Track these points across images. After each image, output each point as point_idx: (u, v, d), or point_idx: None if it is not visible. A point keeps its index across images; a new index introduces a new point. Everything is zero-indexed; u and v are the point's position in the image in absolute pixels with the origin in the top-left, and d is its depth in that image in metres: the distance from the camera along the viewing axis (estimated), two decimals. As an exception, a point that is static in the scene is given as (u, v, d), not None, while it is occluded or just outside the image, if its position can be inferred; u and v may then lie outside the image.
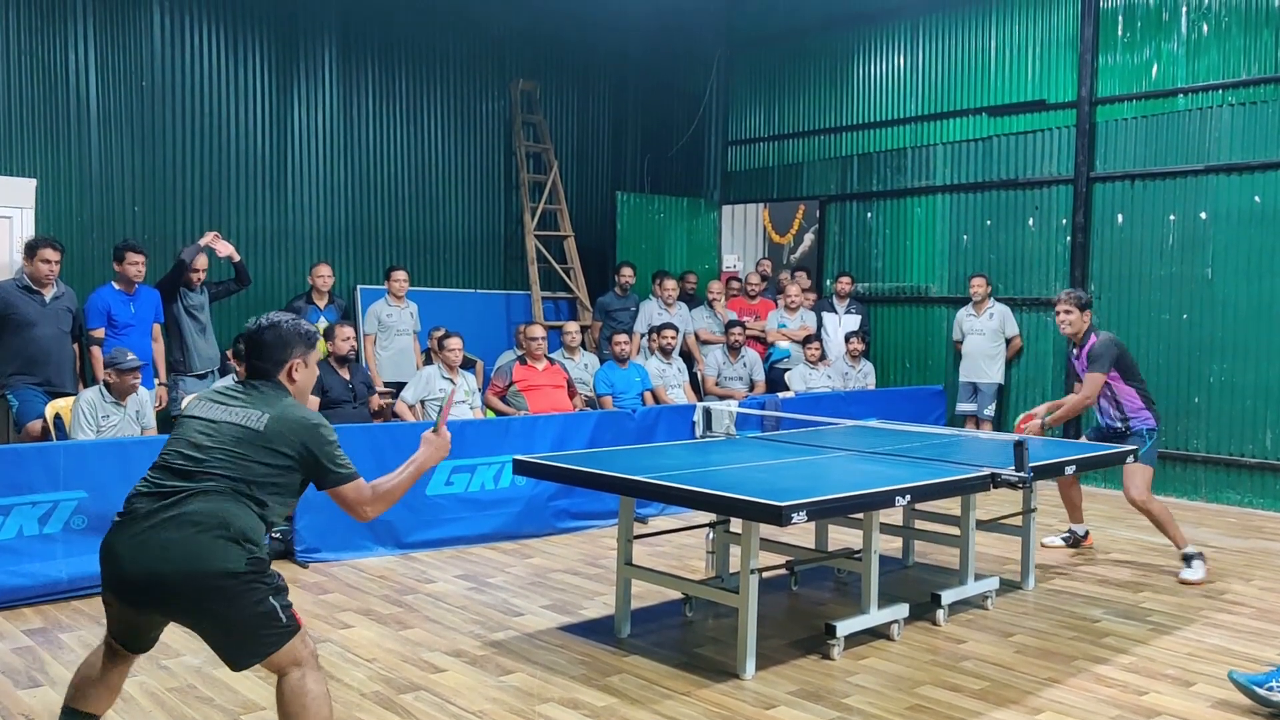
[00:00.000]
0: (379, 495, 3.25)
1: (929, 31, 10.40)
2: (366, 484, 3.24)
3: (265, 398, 3.19)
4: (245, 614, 3.00)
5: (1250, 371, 8.33)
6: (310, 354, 3.34)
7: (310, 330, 3.36)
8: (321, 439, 3.16)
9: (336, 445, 3.19)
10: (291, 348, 3.26)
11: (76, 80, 8.78)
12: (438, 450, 3.49)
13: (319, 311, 8.75)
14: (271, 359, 3.26)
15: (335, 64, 10.27)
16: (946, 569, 6.11)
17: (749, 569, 4.42)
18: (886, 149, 10.79)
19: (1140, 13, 8.93)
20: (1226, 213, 8.45)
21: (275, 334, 3.26)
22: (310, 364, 3.35)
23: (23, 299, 6.73)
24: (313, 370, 3.36)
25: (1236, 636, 5.09)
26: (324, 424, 3.20)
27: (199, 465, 3.06)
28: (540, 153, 11.56)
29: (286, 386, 3.27)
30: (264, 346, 3.27)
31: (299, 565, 6.11)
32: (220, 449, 3.08)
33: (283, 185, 9.99)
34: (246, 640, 3.04)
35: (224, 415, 3.16)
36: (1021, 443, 4.89)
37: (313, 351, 3.35)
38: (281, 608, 3.07)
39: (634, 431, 7.48)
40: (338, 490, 3.21)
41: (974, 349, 9.57)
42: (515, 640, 4.90)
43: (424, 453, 3.44)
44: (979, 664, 4.66)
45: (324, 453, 3.15)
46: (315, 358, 3.36)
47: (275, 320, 3.31)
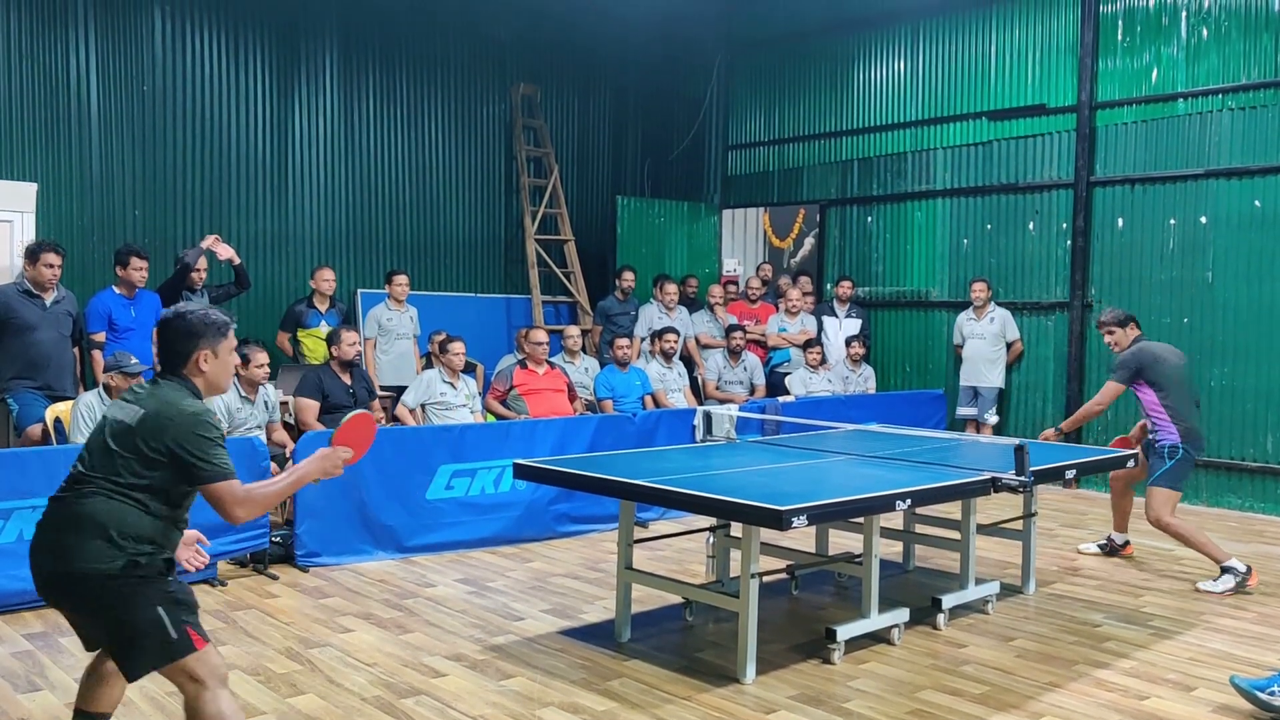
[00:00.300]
0: (251, 499, 3.07)
1: (929, 36, 10.41)
2: (241, 486, 3.06)
3: (157, 392, 3.11)
4: (131, 618, 2.94)
5: (1251, 375, 8.33)
6: (220, 344, 3.21)
7: (221, 321, 3.23)
8: (191, 434, 3.02)
9: (212, 441, 3.04)
10: (197, 339, 3.15)
11: (78, 84, 8.78)
12: (324, 465, 3.33)
13: (320, 316, 8.76)
14: (176, 351, 3.16)
15: (336, 68, 10.28)
16: (947, 573, 6.11)
17: (749, 573, 4.42)
18: (887, 153, 10.80)
19: (1140, 17, 8.94)
20: (1227, 217, 8.46)
21: (181, 325, 3.17)
22: (222, 355, 3.22)
23: (23, 303, 6.73)
24: (224, 361, 3.24)
25: (1238, 641, 5.08)
26: (201, 418, 3.05)
27: (88, 467, 3.06)
28: (541, 157, 11.57)
29: (194, 381, 3.17)
30: (169, 339, 3.19)
31: (299, 569, 6.10)
32: (103, 449, 3.05)
33: (283, 189, 9.99)
34: (130, 647, 2.98)
35: (117, 413, 3.11)
36: (1022, 447, 4.89)
37: (223, 341, 3.22)
38: (173, 621, 2.96)
39: (634, 435, 7.48)
40: (207, 489, 3.05)
41: (974, 353, 9.58)
42: (515, 644, 4.90)
43: (309, 465, 3.31)
44: (979, 668, 4.65)
45: (192, 448, 3.00)
46: (228, 347, 3.24)
47: (182, 310, 3.21)
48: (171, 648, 2.96)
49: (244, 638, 4.92)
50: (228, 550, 5.87)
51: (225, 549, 5.84)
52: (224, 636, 4.91)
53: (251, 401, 6.77)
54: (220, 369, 3.23)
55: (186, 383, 3.16)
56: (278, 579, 5.93)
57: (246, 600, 5.52)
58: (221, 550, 5.83)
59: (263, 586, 5.80)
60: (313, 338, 8.72)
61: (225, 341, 3.23)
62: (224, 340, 3.23)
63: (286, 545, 6.22)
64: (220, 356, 3.22)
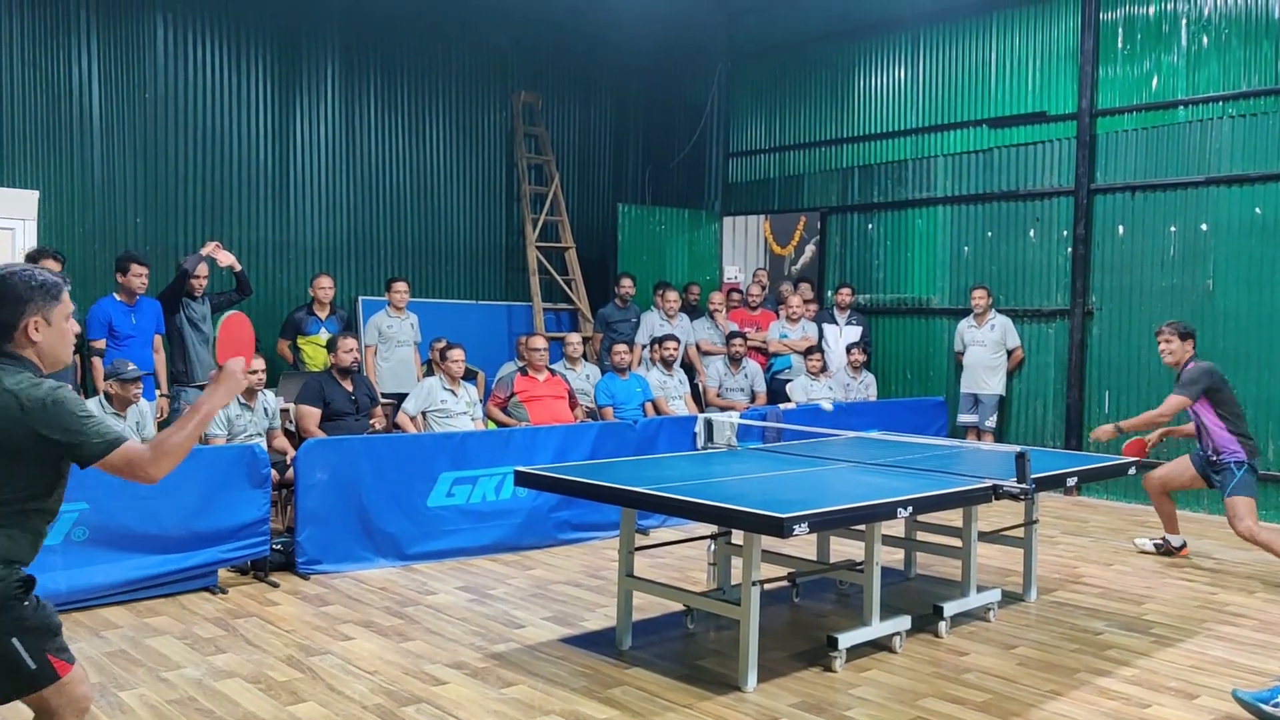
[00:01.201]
0: (163, 451, 2.68)
1: (929, 44, 10.42)
2: (139, 445, 2.70)
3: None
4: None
5: (1252, 383, 8.32)
6: (53, 308, 2.75)
7: (50, 281, 2.76)
8: (54, 413, 2.61)
9: (81, 415, 2.64)
10: (23, 303, 2.69)
11: (80, 92, 8.81)
12: (226, 385, 2.87)
13: (320, 323, 8.76)
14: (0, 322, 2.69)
15: (337, 76, 10.30)
16: (948, 581, 6.10)
17: (750, 581, 4.41)
18: (887, 161, 10.81)
19: (1140, 25, 8.95)
20: (1227, 224, 8.46)
21: (3, 288, 2.69)
22: (56, 320, 2.76)
23: (24, 310, 6.72)
24: (60, 329, 2.77)
25: (1240, 649, 5.07)
26: (56, 393, 2.64)
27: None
28: (542, 164, 11.58)
29: (26, 355, 2.72)
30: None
31: (300, 577, 6.10)
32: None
33: (285, 196, 10.01)
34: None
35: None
36: (1023, 454, 4.89)
37: (57, 305, 2.76)
38: (29, 651, 2.65)
39: (635, 443, 7.48)
40: (105, 462, 2.66)
41: (975, 360, 9.58)
42: (516, 652, 4.89)
43: (211, 392, 2.85)
44: (981, 676, 4.64)
45: (63, 426, 2.61)
46: (63, 312, 2.78)
47: (5, 271, 2.73)
48: (32, 679, 2.67)
49: (245, 645, 4.91)
50: (228, 558, 5.86)
51: (226, 556, 5.83)
52: (225, 644, 4.91)
53: (251, 408, 6.77)
54: (56, 337, 2.77)
55: (19, 360, 2.71)
56: (278, 586, 5.93)
57: (247, 608, 5.51)
58: (222, 558, 5.83)
59: (263, 594, 5.79)
60: (312, 345, 8.72)
61: (59, 306, 2.77)
62: (56, 304, 2.76)
63: (287, 552, 6.21)
64: (54, 323, 2.76)
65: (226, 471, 5.84)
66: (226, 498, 5.81)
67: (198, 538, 5.70)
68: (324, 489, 6.20)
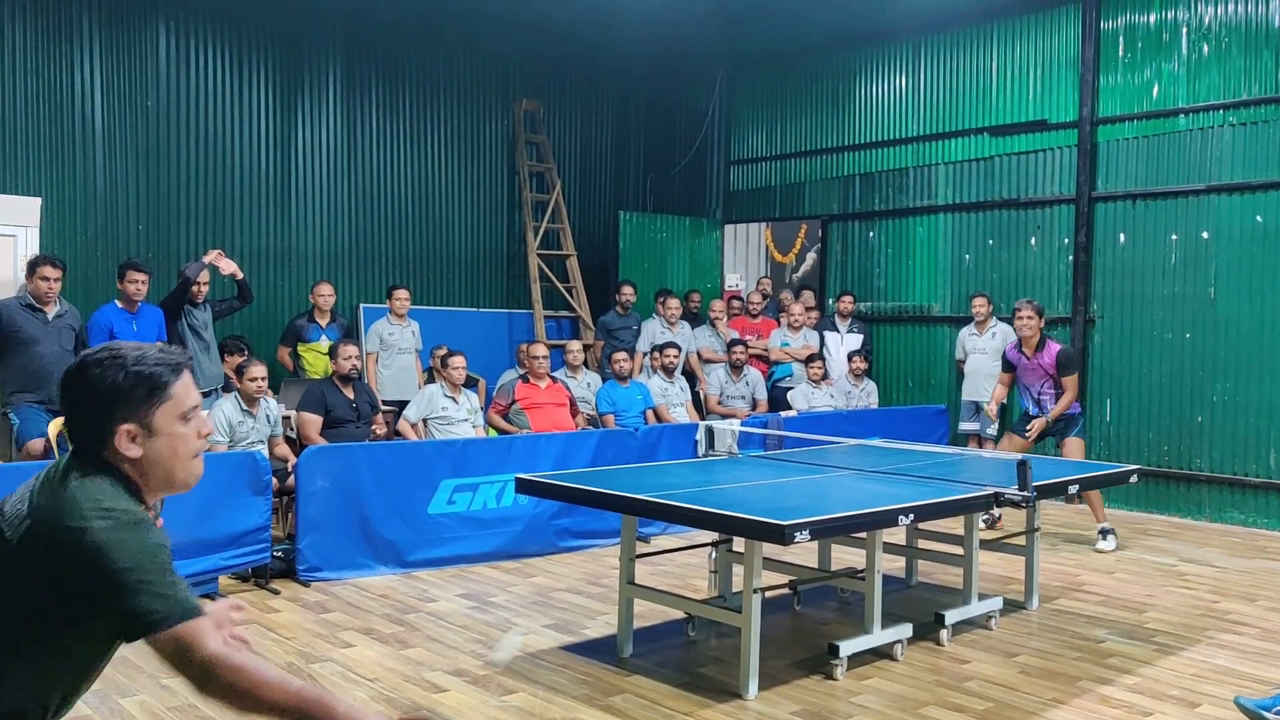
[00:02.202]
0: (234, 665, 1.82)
1: (930, 52, 10.44)
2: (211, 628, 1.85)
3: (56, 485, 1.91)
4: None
5: (1254, 390, 8.32)
6: (156, 408, 1.97)
7: (152, 371, 1.97)
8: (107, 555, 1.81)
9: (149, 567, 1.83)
10: (106, 405, 1.94)
11: (82, 100, 8.82)
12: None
13: (321, 330, 8.77)
14: (80, 425, 1.98)
15: (339, 84, 10.32)
16: (950, 589, 6.09)
17: (752, 588, 4.41)
18: (888, 169, 10.82)
19: (1141, 33, 8.97)
20: (1228, 232, 8.46)
21: (84, 384, 1.96)
22: (162, 425, 1.97)
23: (25, 317, 6.74)
24: (171, 436, 1.98)
25: (1242, 657, 5.06)
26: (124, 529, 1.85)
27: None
28: (543, 172, 11.60)
29: (123, 469, 1.96)
30: (68, 405, 2.00)
31: (301, 584, 6.09)
32: None
33: (286, 204, 10.03)
34: None
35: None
36: (1024, 462, 4.89)
37: (163, 403, 1.97)
38: None
39: (636, 450, 7.48)
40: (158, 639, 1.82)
41: (976, 368, 9.52)
42: (517, 660, 4.88)
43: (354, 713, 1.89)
44: (983, 684, 4.63)
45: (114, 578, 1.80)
46: (176, 410, 1.99)
47: (89, 359, 1.98)
48: None
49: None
50: (229, 565, 5.85)
51: (226, 564, 5.83)
52: (225, 651, 4.89)
53: (253, 415, 6.77)
54: (165, 450, 1.98)
55: (109, 473, 1.94)
56: (279, 593, 5.92)
57: (248, 615, 5.50)
58: (223, 565, 5.82)
59: (264, 601, 5.79)
60: (313, 352, 8.73)
61: (167, 403, 1.98)
62: (163, 402, 1.97)
63: (288, 559, 6.21)
64: (159, 430, 1.97)
65: (228, 479, 5.84)
66: (227, 505, 5.81)
67: (199, 545, 5.69)
68: (325, 496, 6.19)
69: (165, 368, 1.98)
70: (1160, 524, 8.48)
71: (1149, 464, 8.68)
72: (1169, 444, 8.79)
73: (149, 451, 1.96)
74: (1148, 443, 8.86)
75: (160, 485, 2.01)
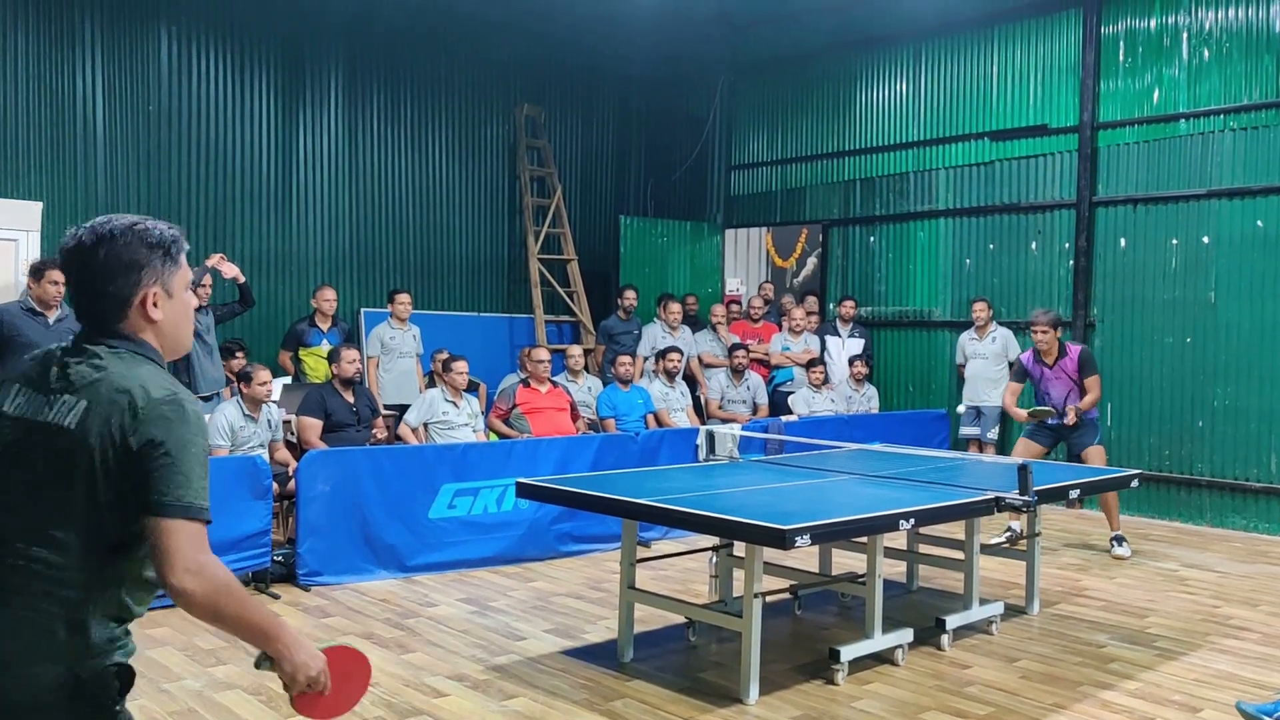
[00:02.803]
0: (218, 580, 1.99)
1: (931, 57, 10.45)
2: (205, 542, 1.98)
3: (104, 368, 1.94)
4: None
5: (1254, 395, 8.32)
6: (174, 273, 2.05)
7: (169, 237, 2.05)
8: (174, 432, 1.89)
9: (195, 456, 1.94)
10: (139, 269, 2.00)
11: (84, 104, 8.84)
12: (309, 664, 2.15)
13: (323, 334, 8.78)
14: (107, 294, 1.99)
15: (341, 89, 10.34)
16: (951, 593, 6.09)
17: (752, 593, 4.40)
18: (889, 173, 10.82)
19: (1141, 38, 8.98)
20: (1229, 237, 8.46)
21: (111, 250, 1.98)
22: (177, 290, 2.06)
23: (27, 321, 6.74)
24: (182, 301, 2.08)
25: (1243, 662, 5.06)
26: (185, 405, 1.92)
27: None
28: (544, 177, 11.61)
29: (145, 338, 2.03)
30: (93, 275, 1.99)
31: (301, 589, 6.09)
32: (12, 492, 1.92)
33: (288, 209, 10.04)
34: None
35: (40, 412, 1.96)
36: (1025, 466, 4.88)
37: (177, 270, 2.06)
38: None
39: (637, 455, 7.47)
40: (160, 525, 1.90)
41: (977, 372, 9.53)
42: (517, 664, 4.88)
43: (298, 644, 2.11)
44: (984, 689, 4.63)
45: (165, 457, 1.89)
46: (185, 278, 2.09)
47: (104, 231, 1.99)
48: None
49: (245, 657, 4.90)
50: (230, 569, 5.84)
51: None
52: (225, 656, 4.90)
53: (255, 419, 6.77)
54: (180, 313, 2.08)
55: (138, 345, 2.01)
56: (279, 598, 5.92)
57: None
58: (223, 569, 5.81)
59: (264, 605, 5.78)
60: (314, 356, 8.74)
61: (179, 271, 2.07)
62: (177, 268, 2.07)
63: (288, 564, 6.21)
64: (175, 294, 2.07)
65: (228, 483, 5.83)
66: (228, 509, 5.80)
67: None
68: (325, 500, 6.19)
69: (172, 237, 2.08)
70: (1161, 529, 8.47)
71: (1150, 469, 8.68)
72: (1170, 449, 8.78)
73: (167, 314, 2.05)
74: (1148, 447, 8.85)
75: (170, 350, 2.09)
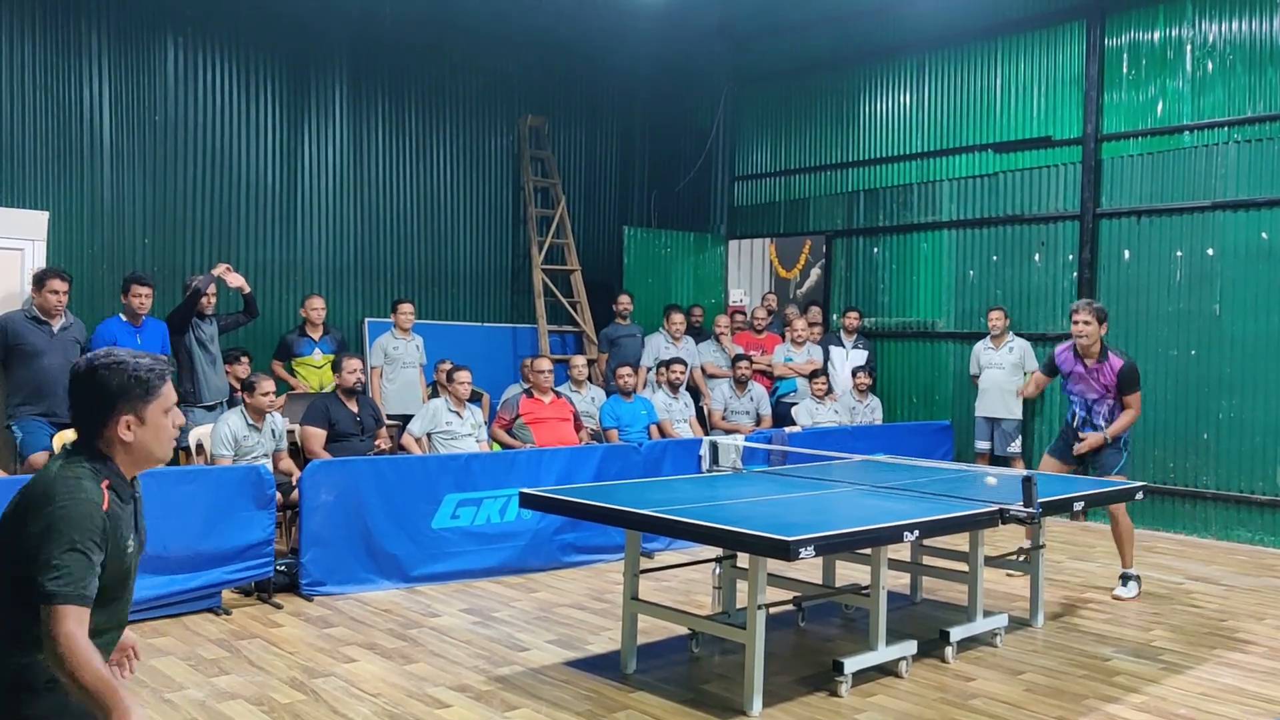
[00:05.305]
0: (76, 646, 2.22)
1: (935, 68, 10.47)
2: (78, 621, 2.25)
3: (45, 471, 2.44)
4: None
5: (1259, 408, 8.30)
6: (149, 404, 2.47)
7: (145, 374, 2.48)
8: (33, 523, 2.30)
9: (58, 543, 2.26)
10: (113, 400, 2.43)
11: (90, 114, 8.86)
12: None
13: (314, 344, 8.77)
14: (86, 417, 2.46)
15: (345, 99, 10.36)
16: (955, 605, 6.07)
17: (756, 604, 4.39)
18: (893, 184, 10.83)
19: (1145, 51, 8.99)
20: (1234, 249, 8.46)
21: (90, 383, 2.44)
22: (151, 417, 2.49)
23: (31, 329, 6.76)
24: (156, 425, 2.50)
25: (1249, 676, 5.03)
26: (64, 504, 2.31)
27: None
28: (548, 187, 11.63)
29: (111, 454, 2.47)
30: (76, 401, 2.48)
31: (304, 598, 6.08)
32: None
33: (292, 219, 10.05)
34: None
35: None
36: (1030, 478, 4.87)
37: (153, 400, 2.48)
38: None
39: (640, 465, 7.47)
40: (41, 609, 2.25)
41: (992, 383, 9.38)
42: (520, 675, 4.87)
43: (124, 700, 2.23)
44: (988, 702, 4.61)
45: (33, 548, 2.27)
46: (162, 406, 2.51)
47: (96, 361, 2.46)
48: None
49: (248, 667, 4.89)
50: (232, 579, 5.85)
51: (229, 578, 5.82)
52: (228, 666, 4.89)
53: (259, 429, 6.77)
54: (150, 436, 2.50)
55: (94, 462, 2.44)
56: (282, 608, 5.91)
57: (251, 629, 5.49)
58: (226, 579, 5.82)
59: (267, 615, 5.77)
60: (305, 366, 8.74)
61: (156, 401, 2.49)
62: (153, 400, 2.49)
63: (291, 574, 6.20)
64: (149, 421, 2.48)
65: (231, 493, 5.83)
66: (231, 519, 5.81)
67: (202, 559, 5.69)
68: (328, 510, 6.19)
69: (155, 373, 2.51)
70: (1166, 542, 8.45)
71: (1155, 481, 8.65)
72: (1175, 461, 8.76)
73: (139, 437, 2.48)
74: (1153, 460, 8.83)
75: (142, 463, 2.53)
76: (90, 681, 2.21)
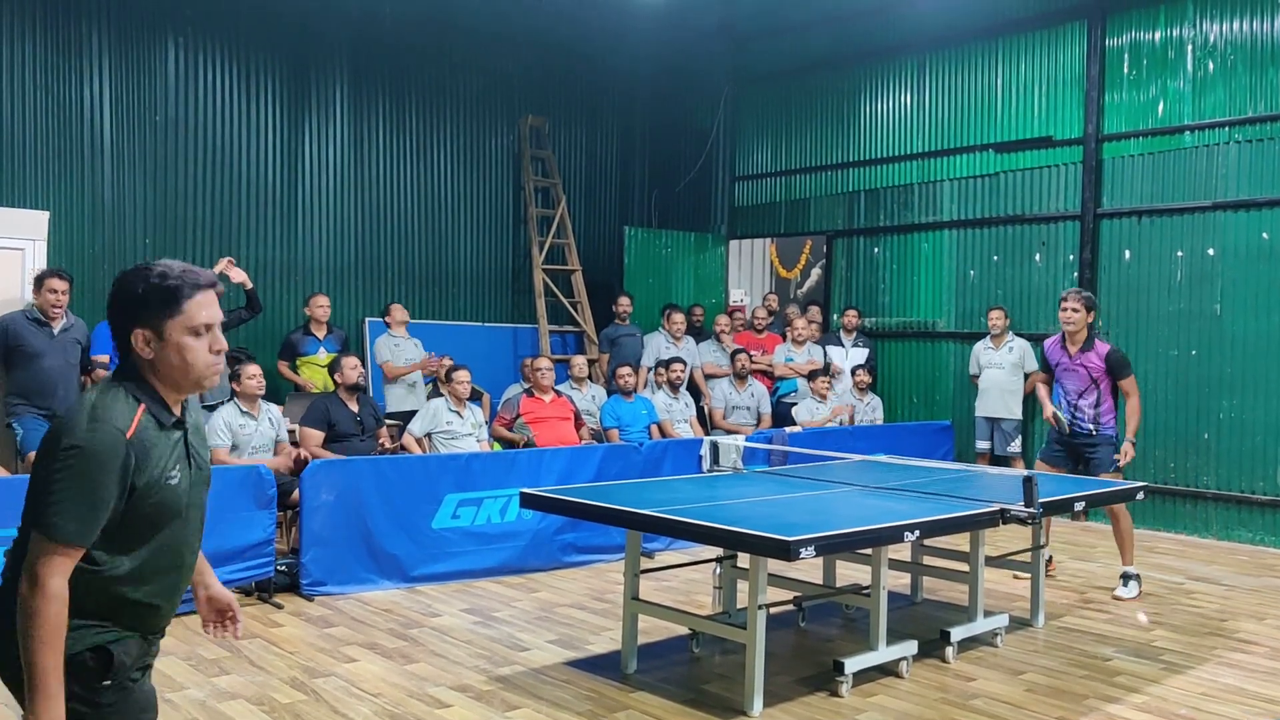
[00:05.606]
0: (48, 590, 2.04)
1: (936, 68, 10.46)
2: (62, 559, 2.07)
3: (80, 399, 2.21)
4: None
5: (1260, 407, 8.29)
6: (167, 319, 2.20)
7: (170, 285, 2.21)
8: (48, 454, 2.12)
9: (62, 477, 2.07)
10: (131, 309, 2.21)
11: (91, 114, 8.86)
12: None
13: (319, 343, 8.77)
14: (114, 328, 2.27)
15: (346, 99, 10.36)
16: (955, 605, 6.06)
17: (757, 604, 4.39)
18: (893, 184, 10.83)
19: (1146, 51, 8.98)
20: (1234, 249, 8.45)
21: (114, 291, 2.25)
22: (171, 335, 2.21)
23: (31, 330, 6.76)
24: (178, 344, 2.22)
25: (1250, 676, 5.03)
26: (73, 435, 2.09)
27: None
28: (548, 187, 11.62)
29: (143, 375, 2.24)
30: (109, 309, 2.28)
31: (304, 598, 6.08)
32: None
33: (293, 218, 10.05)
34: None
35: None
36: (1030, 478, 4.87)
37: (176, 316, 2.21)
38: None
39: (641, 465, 7.46)
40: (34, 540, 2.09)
41: (992, 383, 9.35)
42: (521, 675, 4.87)
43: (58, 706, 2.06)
44: (989, 702, 4.61)
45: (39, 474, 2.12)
46: (185, 324, 2.22)
47: (124, 272, 2.28)
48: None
49: (248, 667, 4.89)
50: (232, 579, 5.84)
51: (229, 578, 5.81)
52: (228, 665, 4.89)
53: (254, 417, 6.74)
54: (172, 355, 2.22)
55: (130, 383, 2.22)
56: (283, 608, 5.91)
57: (251, 629, 5.49)
58: (226, 579, 5.81)
59: (268, 615, 5.77)
60: (311, 365, 8.74)
61: (178, 317, 2.22)
62: (174, 314, 2.21)
63: (292, 574, 6.20)
64: (168, 338, 2.21)
65: (232, 492, 5.83)
66: (231, 518, 5.80)
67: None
68: (329, 510, 6.19)
69: (183, 285, 2.23)
70: (1167, 542, 8.44)
71: (1155, 481, 8.65)
72: (1175, 461, 8.76)
73: (160, 355, 2.22)
74: (1154, 460, 8.82)
75: (173, 386, 2.26)
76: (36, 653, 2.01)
